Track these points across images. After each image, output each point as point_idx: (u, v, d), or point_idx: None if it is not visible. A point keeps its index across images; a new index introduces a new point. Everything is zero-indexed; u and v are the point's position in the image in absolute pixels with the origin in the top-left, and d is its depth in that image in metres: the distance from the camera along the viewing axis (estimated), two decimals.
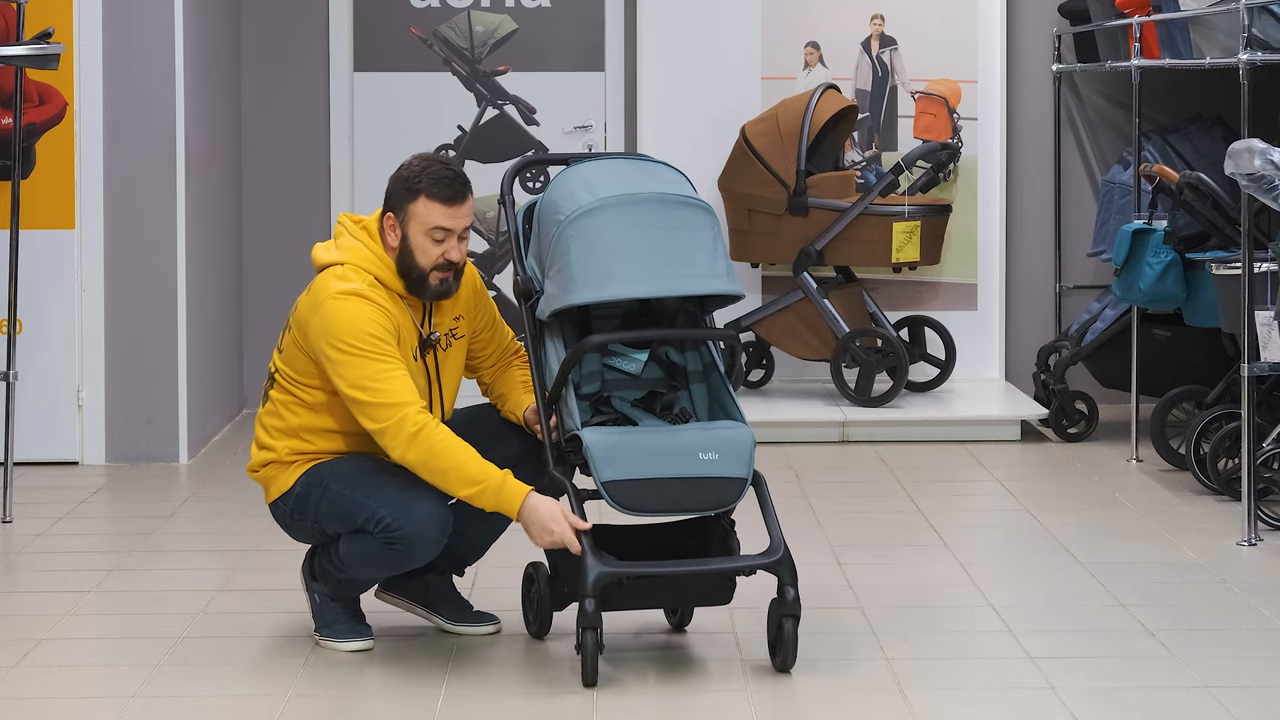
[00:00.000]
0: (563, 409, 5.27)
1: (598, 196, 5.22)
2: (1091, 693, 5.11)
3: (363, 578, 5.46)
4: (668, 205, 5.26)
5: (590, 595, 5.06)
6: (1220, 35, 7.70)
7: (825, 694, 5.12)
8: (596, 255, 5.17)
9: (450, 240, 5.33)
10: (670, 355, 5.47)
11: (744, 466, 5.19)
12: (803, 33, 9.38)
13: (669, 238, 5.23)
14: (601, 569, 5.08)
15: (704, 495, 5.17)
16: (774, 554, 5.20)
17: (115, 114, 8.20)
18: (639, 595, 5.25)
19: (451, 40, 9.67)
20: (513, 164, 5.53)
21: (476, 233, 9.63)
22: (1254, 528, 6.77)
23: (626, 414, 5.40)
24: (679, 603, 5.52)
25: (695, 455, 5.15)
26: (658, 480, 5.12)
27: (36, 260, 8.07)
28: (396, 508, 5.24)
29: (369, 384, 5.21)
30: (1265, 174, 6.48)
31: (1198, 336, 8.11)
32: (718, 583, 5.30)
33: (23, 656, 5.49)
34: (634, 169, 5.40)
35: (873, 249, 8.81)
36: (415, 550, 5.27)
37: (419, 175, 5.33)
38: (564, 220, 5.20)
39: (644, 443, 5.17)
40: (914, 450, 8.52)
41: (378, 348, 5.23)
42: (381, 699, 5.16)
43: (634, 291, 5.20)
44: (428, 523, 5.24)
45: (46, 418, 8.19)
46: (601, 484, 5.11)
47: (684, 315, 5.46)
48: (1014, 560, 6.75)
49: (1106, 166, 9.47)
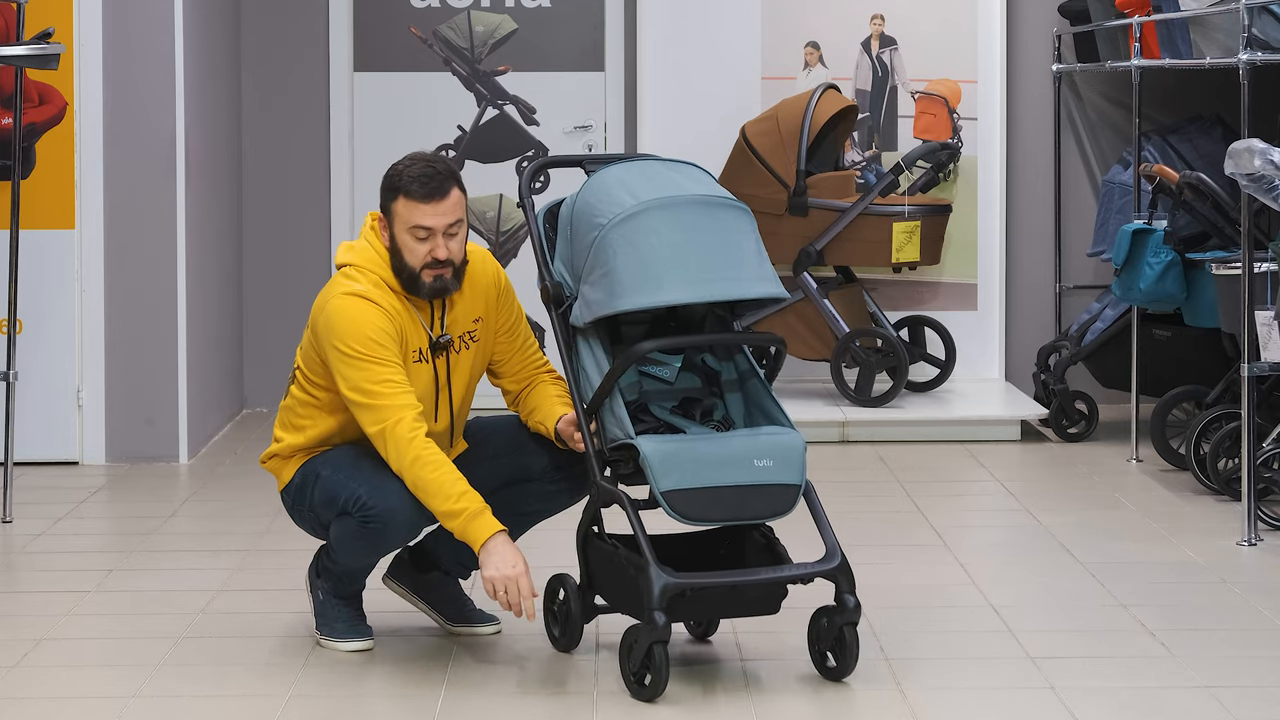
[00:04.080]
0: (608, 418, 5.15)
1: (640, 199, 5.12)
2: (1091, 693, 5.11)
3: (350, 564, 5.44)
4: (711, 207, 5.17)
5: (659, 608, 4.96)
6: (1220, 35, 7.70)
7: (825, 694, 5.11)
8: (645, 259, 5.06)
9: (435, 238, 5.26)
10: (707, 361, 5.39)
11: (798, 473, 5.12)
12: (803, 33, 9.38)
13: (716, 240, 5.13)
14: (667, 580, 4.98)
15: (760, 503, 5.10)
16: (831, 561, 5.13)
17: (115, 114, 8.20)
18: (697, 606, 5.16)
19: (451, 40, 9.67)
20: (530, 166, 5.45)
21: (476, 232, 9.63)
22: (1254, 528, 6.77)
23: (669, 421, 5.31)
24: (732, 613, 5.38)
25: (750, 463, 5.07)
26: (715, 489, 5.04)
27: (36, 260, 8.07)
28: (372, 486, 5.23)
29: (367, 387, 5.20)
30: (1265, 174, 6.48)
31: (1198, 336, 8.11)
32: (772, 592, 5.20)
33: (23, 656, 5.49)
34: (667, 169, 5.30)
35: (873, 249, 8.81)
36: (391, 528, 5.23)
37: (400, 174, 5.29)
38: (606, 224, 5.10)
39: (699, 451, 5.07)
40: (914, 450, 8.52)
41: (377, 352, 5.22)
42: (381, 699, 5.16)
43: (684, 297, 5.09)
44: (399, 498, 5.20)
45: (46, 418, 8.19)
46: (661, 493, 5.01)
47: (713, 319, 5.38)
48: (1014, 560, 6.75)
49: (1106, 166, 9.47)
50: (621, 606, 5.21)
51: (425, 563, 5.64)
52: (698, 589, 5.05)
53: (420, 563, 5.65)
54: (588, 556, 5.32)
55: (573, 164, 5.51)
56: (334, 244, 9.53)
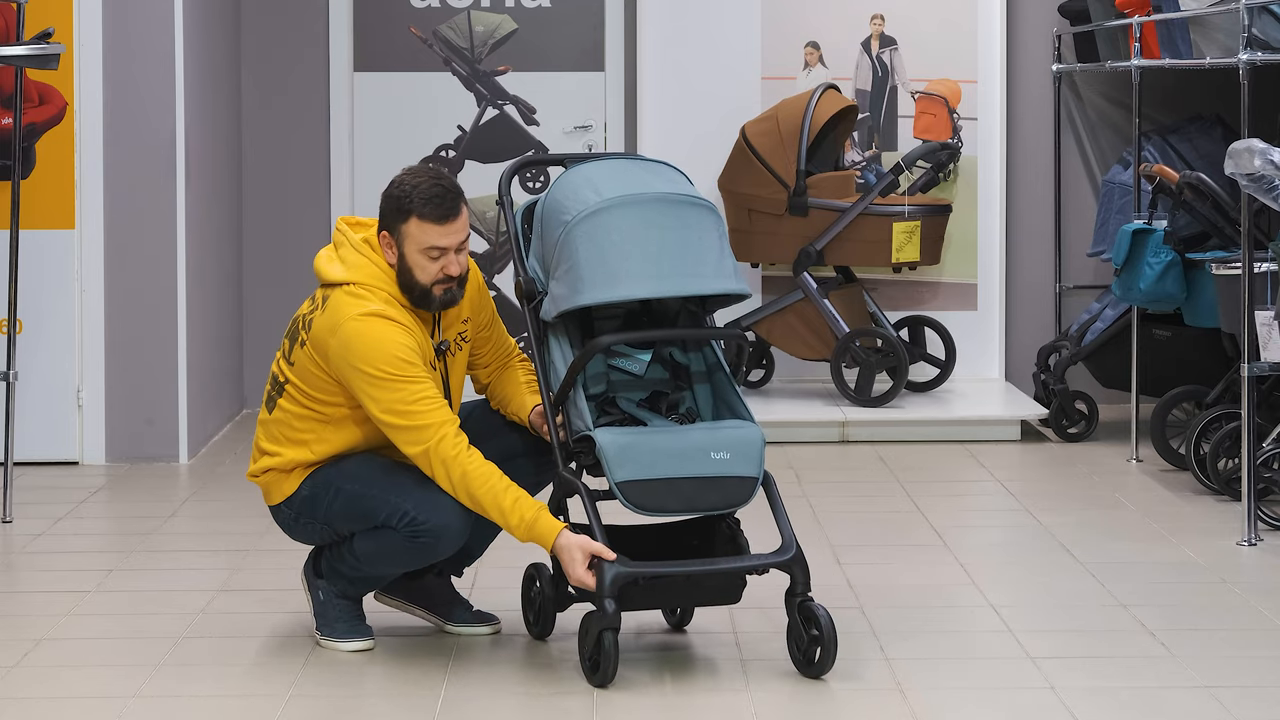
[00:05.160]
0: (571, 410, 5.25)
1: (604, 197, 5.21)
2: (1091, 693, 5.11)
3: (383, 573, 5.46)
4: (674, 205, 5.25)
5: (609, 596, 5.04)
6: (1220, 35, 7.70)
7: (825, 694, 5.11)
8: (605, 255, 5.15)
9: (447, 256, 5.30)
10: (674, 355, 5.48)
11: (755, 466, 5.20)
12: (803, 33, 9.38)
13: (676, 238, 5.22)
14: (619, 569, 5.07)
15: (716, 495, 5.17)
16: (786, 553, 5.20)
17: (115, 114, 8.20)
18: (653, 595, 5.24)
19: (451, 40, 9.67)
20: (510, 164, 5.52)
21: (476, 233, 9.63)
22: (1254, 528, 6.77)
23: (634, 414, 5.39)
24: (691, 602, 5.49)
25: (707, 455, 5.15)
26: (671, 480, 5.12)
27: (36, 260, 8.07)
28: (421, 502, 5.24)
29: (403, 408, 5.20)
30: (1265, 174, 6.48)
31: (1198, 336, 8.11)
32: (730, 582, 5.29)
33: (23, 656, 5.49)
34: (637, 168, 5.39)
35: (873, 249, 8.81)
36: (443, 541, 5.27)
37: (409, 195, 5.28)
38: (571, 221, 5.19)
39: (656, 443, 5.16)
40: (914, 450, 8.52)
41: (408, 371, 5.21)
42: (381, 699, 5.16)
43: (643, 292, 5.19)
44: (452, 514, 5.24)
45: (46, 418, 8.19)
46: (615, 484, 5.10)
47: (685, 315, 5.46)
48: (1014, 560, 6.75)
49: (1106, 166, 9.47)
50: (586, 595, 5.26)
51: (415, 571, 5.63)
52: (650, 577, 5.13)
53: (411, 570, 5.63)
54: None
55: (555, 163, 5.58)
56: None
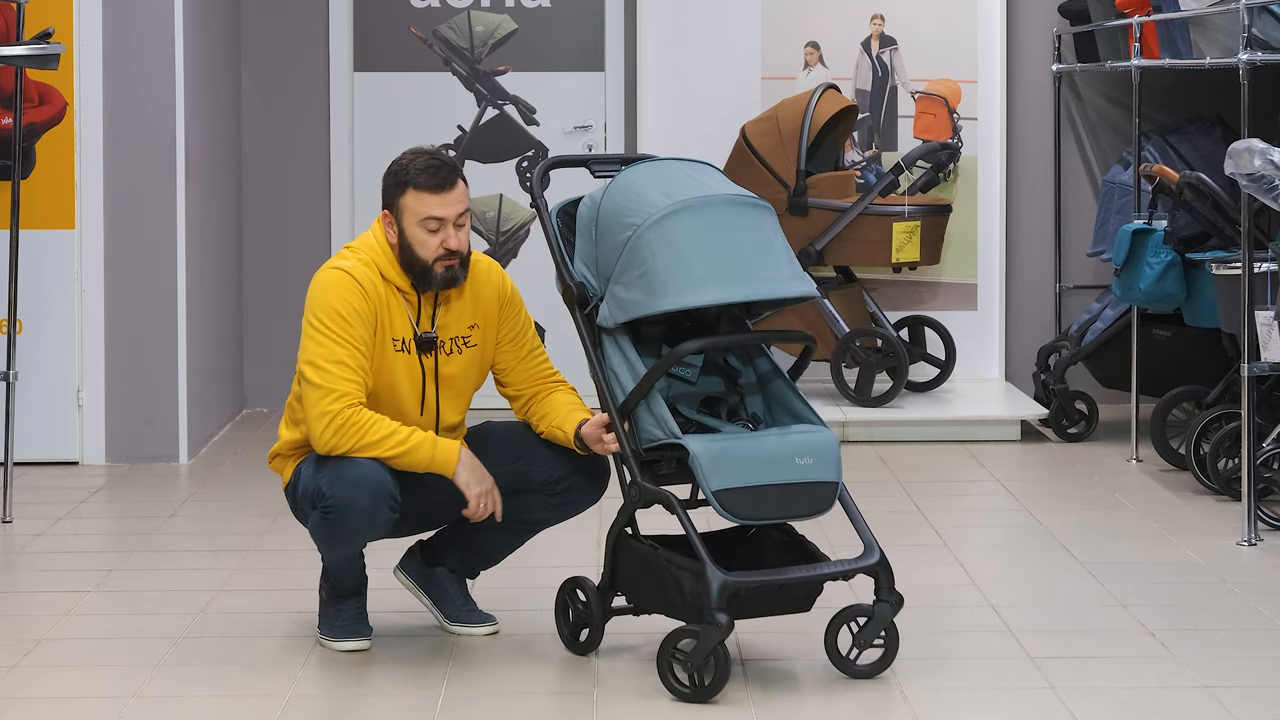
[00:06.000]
0: (644, 418, 5.15)
1: (673, 199, 5.14)
2: (1091, 693, 5.11)
3: (326, 559, 5.45)
4: (742, 207, 5.20)
5: (719, 608, 4.95)
6: (1220, 35, 7.70)
7: (825, 694, 5.11)
8: (686, 259, 5.07)
9: (446, 229, 5.29)
10: (729, 361, 5.39)
11: (836, 470, 5.15)
12: (803, 33, 9.38)
13: (751, 240, 5.16)
14: (725, 579, 4.98)
15: (802, 501, 5.12)
16: (870, 557, 5.16)
17: (115, 114, 8.20)
18: (744, 606, 5.11)
19: (451, 40, 9.67)
20: (540, 166, 5.47)
21: (476, 232, 9.63)
22: (1254, 528, 6.77)
23: (700, 421, 5.30)
24: (775, 611, 5.31)
25: (792, 460, 5.09)
26: (762, 488, 5.06)
27: (36, 260, 8.07)
28: (332, 477, 5.22)
29: (319, 363, 5.21)
30: (1265, 174, 6.48)
31: (1198, 336, 8.11)
32: (811, 589, 5.22)
33: (23, 656, 5.49)
34: (692, 170, 5.32)
35: (873, 249, 8.81)
36: (350, 518, 5.21)
37: (405, 168, 5.31)
38: (640, 224, 5.10)
39: (746, 449, 5.08)
40: (914, 450, 8.52)
41: (340, 329, 5.21)
42: (381, 699, 5.16)
43: (728, 296, 5.10)
44: (359, 489, 5.18)
45: (46, 418, 8.19)
46: (712, 493, 5.01)
47: (727, 319, 5.39)
48: (1014, 560, 6.75)
49: (1106, 166, 9.47)
50: (657, 608, 5.20)
51: (433, 557, 5.66)
52: (750, 588, 5.05)
53: (429, 556, 5.67)
54: (619, 559, 5.29)
55: (579, 164, 5.52)
56: (334, 244, 9.53)
